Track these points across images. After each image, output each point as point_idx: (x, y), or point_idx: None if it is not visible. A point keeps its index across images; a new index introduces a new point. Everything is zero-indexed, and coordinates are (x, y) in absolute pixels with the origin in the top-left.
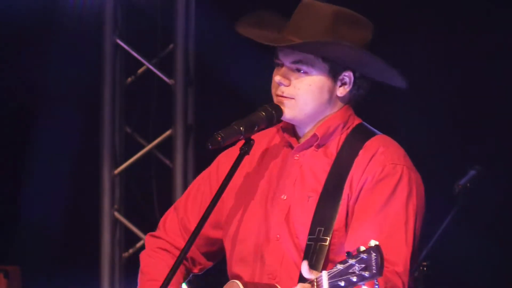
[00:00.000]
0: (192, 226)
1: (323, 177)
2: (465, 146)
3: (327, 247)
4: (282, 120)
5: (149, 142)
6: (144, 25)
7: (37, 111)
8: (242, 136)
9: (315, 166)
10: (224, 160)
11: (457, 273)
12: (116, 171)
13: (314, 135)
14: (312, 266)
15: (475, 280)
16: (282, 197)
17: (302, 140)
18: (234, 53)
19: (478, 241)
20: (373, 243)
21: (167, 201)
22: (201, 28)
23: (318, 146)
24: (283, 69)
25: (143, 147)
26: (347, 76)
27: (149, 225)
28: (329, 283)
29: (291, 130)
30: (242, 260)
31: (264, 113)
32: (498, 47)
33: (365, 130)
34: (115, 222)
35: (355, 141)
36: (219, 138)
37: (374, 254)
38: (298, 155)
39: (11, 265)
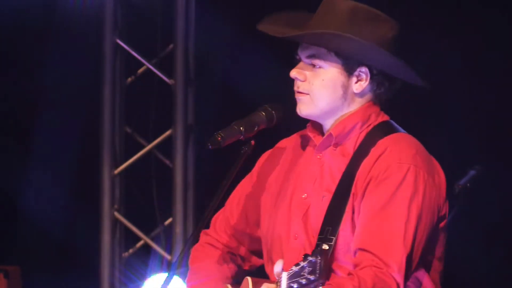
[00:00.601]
0: (236, 224)
1: (338, 176)
2: (466, 146)
3: (332, 246)
4: (282, 121)
5: (149, 142)
6: (144, 25)
7: (37, 111)
8: (242, 136)
9: (333, 166)
10: (265, 160)
11: (457, 273)
12: (116, 171)
13: (330, 135)
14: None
15: (475, 280)
16: (303, 195)
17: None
18: (234, 53)
19: (478, 241)
20: (324, 246)
21: (167, 201)
22: (201, 28)
23: (336, 145)
24: (300, 64)
25: (143, 147)
26: (363, 72)
27: (149, 225)
28: (287, 283)
29: (318, 128)
30: (270, 259)
31: (264, 113)
32: (497, 46)
33: (386, 128)
34: (115, 222)
35: (371, 139)
36: (219, 138)
37: (319, 258)
38: (320, 154)
39: (11, 265)
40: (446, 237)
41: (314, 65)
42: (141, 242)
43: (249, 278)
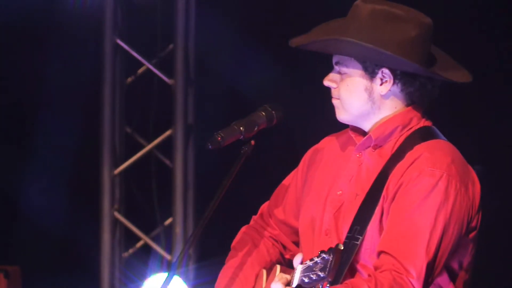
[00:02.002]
0: (279, 214)
1: (373, 177)
2: (466, 146)
3: (357, 246)
4: (281, 120)
5: (149, 142)
6: (144, 25)
7: (37, 110)
8: (242, 136)
9: (370, 166)
10: (311, 154)
11: None
12: (116, 171)
13: (369, 137)
14: (343, 264)
15: (475, 281)
16: (338, 192)
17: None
18: (234, 53)
19: (478, 241)
20: (340, 246)
21: (167, 201)
22: (201, 28)
23: (376, 147)
24: (331, 72)
25: (143, 147)
26: (386, 73)
27: (149, 225)
28: (299, 277)
29: (359, 128)
30: (302, 252)
31: (264, 113)
32: (498, 46)
33: (426, 133)
34: (115, 222)
35: (410, 143)
36: (219, 138)
37: (332, 256)
38: (359, 154)
39: (11, 265)
40: (476, 247)
41: (340, 72)
42: (141, 242)
43: (278, 266)
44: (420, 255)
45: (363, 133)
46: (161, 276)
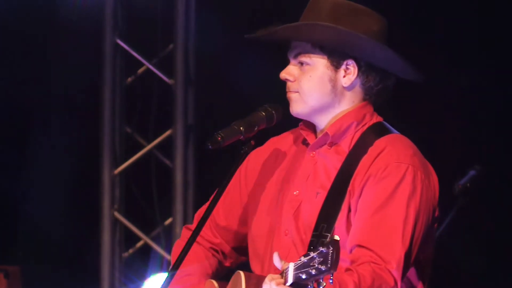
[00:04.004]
0: (221, 221)
1: (333, 174)
2: (465, 146)
3: None
4: (281, 120)
5: (149, 142)
6: (144, 25)
7: (37, 111)
8: (242, 136)
9: (328, 163)
10: (254, 157)
11: (456, 273)
12: (116, 171)
13: (326, 134)
14: None
15: (475, 281)
16: (295, 192)
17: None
18: (234, 53)
19: (478, 241)
20: (336, 237)
21: (167, 201)
22: (201, 28)
23: (331, 144)
24: (288, 65)
25: (143, 147)
26: (350, 64)
27: (149, 225)
28: (293, 274)
29: (311, 127)
30: (256, 256)
31: (264, 113)
32: (498, 44)
33: (380, 129)
34: (115, 222)
35: (367, 139)
36: (219, 138)
37: (331, 249)
38: (314, 152)
39: (11, 265)
40: (435, 239)
41: (301, 63)
42: (141, 242)
43: (241, 273)
44: (397, 245)
45: (314, 131)
46: (161, 276)
